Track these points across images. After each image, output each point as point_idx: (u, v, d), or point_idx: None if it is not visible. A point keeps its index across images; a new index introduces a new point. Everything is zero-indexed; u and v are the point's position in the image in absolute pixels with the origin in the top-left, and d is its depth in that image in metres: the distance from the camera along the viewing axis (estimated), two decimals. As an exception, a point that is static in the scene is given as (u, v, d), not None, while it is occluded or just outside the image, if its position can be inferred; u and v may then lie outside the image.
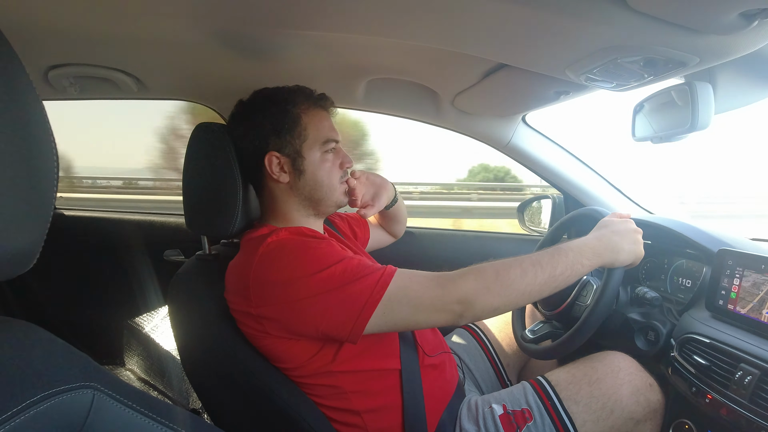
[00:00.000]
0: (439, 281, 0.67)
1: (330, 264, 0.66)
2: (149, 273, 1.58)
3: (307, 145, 0.79)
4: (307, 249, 0.68)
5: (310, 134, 0.79)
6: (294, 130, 0.78)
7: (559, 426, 0.76)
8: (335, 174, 0.82)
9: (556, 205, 1.30)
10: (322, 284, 0.65)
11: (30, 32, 0.80)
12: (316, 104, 0.81)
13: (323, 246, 0.69)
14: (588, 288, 0.89)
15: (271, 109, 0.78)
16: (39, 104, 0.34)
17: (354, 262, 0.68)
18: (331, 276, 0.65)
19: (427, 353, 0.81)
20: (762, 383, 0.63)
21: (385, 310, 0.65)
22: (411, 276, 0.68)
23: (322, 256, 0.67)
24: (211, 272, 0.80)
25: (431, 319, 0.67)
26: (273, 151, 0.78)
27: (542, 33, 0.63)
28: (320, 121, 0.81)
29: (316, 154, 0.79)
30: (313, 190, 0.80)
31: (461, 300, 0.66)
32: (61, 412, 0.34)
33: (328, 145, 0.81)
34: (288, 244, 0.69)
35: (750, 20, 0.51)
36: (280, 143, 0.78)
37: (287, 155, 0.78)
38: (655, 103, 0.86)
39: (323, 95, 0.83)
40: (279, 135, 0.77)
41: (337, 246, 0.72)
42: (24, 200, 0.33)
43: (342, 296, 0.65)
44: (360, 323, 0.64)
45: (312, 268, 0.66)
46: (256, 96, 0.81)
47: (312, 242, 0.70)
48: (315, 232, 0.76)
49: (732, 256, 0.76)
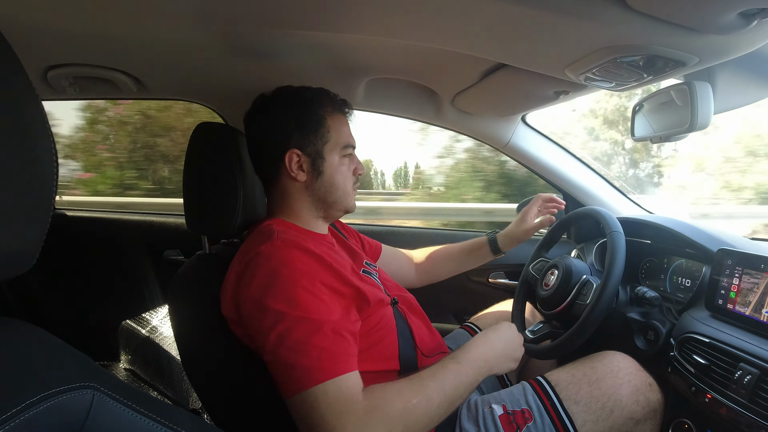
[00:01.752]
0: (351, 420, 0.60)
1: (296, 311, 0.64)
2: (149, 273, 1.58)
3: (329, 147, 0.79)
4: (283, 280, 0.66)
5: (332, 137, 0.80)
6: (318, 130, 0.78)
7: (559, 426, 0.76)
8: (350, 179, 0.83)
9: (555, 205, 1.30)
10: (278, 325, 0.63)
11: (29, 32, 0.80)
12: (339, 109, 0.82)
13: (304, 282, 0.66)
14: (588, 287, 0.89)
15: (298, 107, 0.79)
16: (38, 104, 0.34)
17: (314, 327, 0.63)
18: (288, 329, 0.63)
19: (425, 354, 0.81)
20: (761, 383, 0.63)
21: (304, 398, 0.61)
22: (341, 392, 0.61)
23: (294, 296, 0.65)
24: (211, 272, 0.80)
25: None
26: (295, 148, 0.78)
27: (542, 33, 0.63)
28: (342, 125, 0.82)
29: (336, 158, 0.80)
30: (328, 193, 0.80)
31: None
32: (61, 413, 0.34)
33: (347, 150, 0.82)
34: (273, 263, 0.67)
35: (749, 20, 0.51)
36: (303, 142, 0.78)
37: (308, 155, 0.78)
38: (655, 103, 0.86)
39: (345, 101, 0.84)
40: (303, 134, 0.78)
41: (320, 292, 0.67)
42: (24, 200, 0.33)
43: (285, 355, 0.63)
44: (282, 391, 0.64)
45: (277, 302, 0.64)
46: (282, 92, 0.81)
47: (295, 272, 0.67)
48: (312, 246, 0.71)
49: (731, 255, 0.76)
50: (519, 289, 1.09)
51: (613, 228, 0.87)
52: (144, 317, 1.53)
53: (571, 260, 0.95)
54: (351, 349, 0.66)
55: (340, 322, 0.66)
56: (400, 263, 1.11)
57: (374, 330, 0.74)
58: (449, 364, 0.70)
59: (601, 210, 0.94)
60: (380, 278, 0.88)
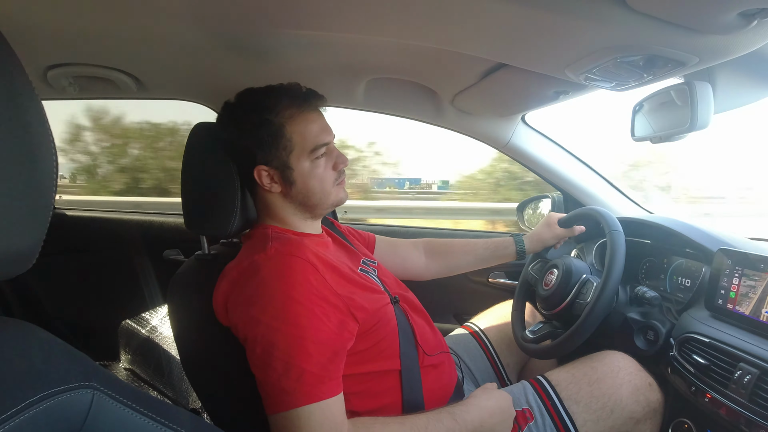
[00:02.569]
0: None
1: (284, 325, 0.63)
2: (149, 273, 1.58)
3: (295, 156, 0.75)
4: (274, 291, 0.65)
5: (296, 144, 0.75)
6: (279, 142, 0.74)
7: (560, 426, 0.76)
8: (328, 178, 0.79)
9: (555, 205, 1.30)
10: (265, 338, 0.63)
11: (29, 32, 0.80)
12: (301, 107, 0.75)
13: (295, 295, 0.65)
14: (588, 286, 0.89)
15: (253, 122, 0.74)
16: (38, 104, 0.34)
17: (299, 346, 0.63)
18: (273, 345, 0.63)
19: (427, 353, 0.81)
20: (761, 382, 0.63)
21: (280, 419, 0.61)
22: (324, 417, 0.61)
23: (283, 308, 0.64)
24: (210, 272, 0.80)
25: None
26: (261, 164, 0.75)
27: (541, 33, 0.63)
28: (306, 126, 0.75)
29: (305, 164, 0.76)
30: (306, 198, 0.78)
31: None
32: (61, 412, 0.34)
33: (318, 151, 0.76)
34: (264, 273, 0.67)
35: (749, 20, 0.51)
36: (267, 157, 0.75)
37: (275, 167, 0.75)
38: (655, 103, 0.86)
39: (310, 93, 0.77)
40: (264, 150, 0.74)
41: (316, 299, 0.66)
42: (23, 200, 0.33)
43: (268, 372, 0.63)
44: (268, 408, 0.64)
45: (266, 314, 0.64)
46: (241, 101, 0.78)
47: (287, 284, 0.66)
48: (307, 254, 0.70)
49: (731, 255, 0.76)
50: (519, 289, 1.09)
51: (613, 227, 0.87)
52: (144, 317, 1.54)
53: (570, 260, 0.95)
54: (335, 371, 0.65)
55: (330, 340, 0.65)
56: (404, 254, 1.07)
57: (374, 329, 0.74)
58: (445, 419, 0.68)
59: (601, 209, 0.94)
60: (380, 275, 0.87)
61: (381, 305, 0.76)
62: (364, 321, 0.71)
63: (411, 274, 1.05)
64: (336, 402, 0.63)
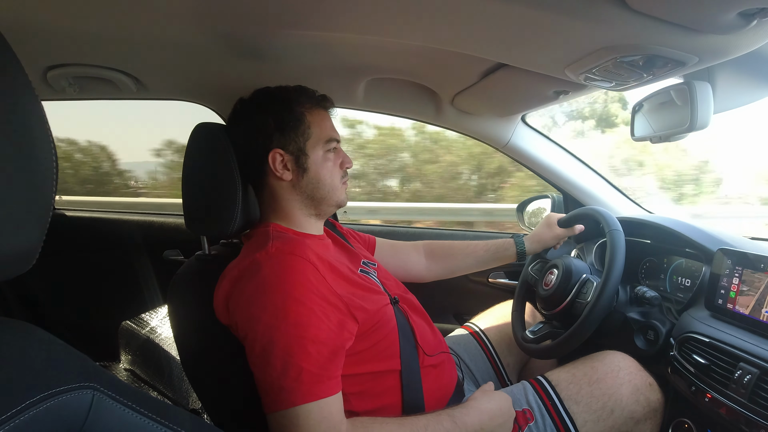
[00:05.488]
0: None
1: (284, 324, 0.63)
2: (149, 273, 1.58)
3: (311, 144, 0.79)
4: (275, 290, 0.65)
5: (313, 133, 0.79)
6: (298, 128, 0.78)
7: (560, 426, 0.76)
8: (336, 174, 0.82)
9: (555, 205, 1.30)
10: (264, 336, 0.64)
11: (29, 32, 0.80)
12: (319, 104, 0.82)
13: (296, 294, 0.65)
14: (588, 286, 0.89)
15: (275, 107, 0.78)
16: (38, 104, 0.34)
17: (299, 344, 0.63)
18: (272, 343, 0.63)
19: (427, 353, 0.81)
20: (761, 382, 0.63)
21: (279, 417, 0.61)
22: (322, 416, 0.62)
23: (284, 307, 0.64)
24: (210, 272, 0.80)
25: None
26: (277, 148, 0.77)
27: (541, 33, 0.63)
28: (322, 120, 0.81)
29: (319, 153, 0.80)
30: (316, 189, 0.80)
31: None
32: (61, 413, 0.34)
33: (330, 144, 0.81)
34: (266, 272, 0.67)
35: (749, 20, 0.51)
36: (284, 140, 0.78)
37: (291, 153, 0.78)
38: (654, 103, 0.86)
39: (325, 96, 0.83)
40: (283, 132, 0.77)
41: (316, 295, 0.67)
42: (23, 200, 0.33)
43: (267, 371, 0.63)
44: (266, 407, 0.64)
45: (266, 312, 0.64)
46: (259, 94, 0.81)
47: (287, 283, 0.66)
48: (308, 253, 0.70)
49: (731, 255, 0.76)
50: (519, 289, 1.09)
51: (613, 227, 0.87)
52: (144, 318, 1.54)
53: (570, 260, 0.95)
54: (334, 371, 0.65)
55: (329, 339, 0.65)
56: (405, 256, 1.08)
57: (374, 329, 0.74)
58: (445, 421, 0.69)
59: (601, 209, 0.94)
60: (380, 276, 0.87)
61: (381, 306, 0.76)
62: (364, 321, 0.71)
63: (412, 276, 1.06)
64: (334, 401, 0.63)
